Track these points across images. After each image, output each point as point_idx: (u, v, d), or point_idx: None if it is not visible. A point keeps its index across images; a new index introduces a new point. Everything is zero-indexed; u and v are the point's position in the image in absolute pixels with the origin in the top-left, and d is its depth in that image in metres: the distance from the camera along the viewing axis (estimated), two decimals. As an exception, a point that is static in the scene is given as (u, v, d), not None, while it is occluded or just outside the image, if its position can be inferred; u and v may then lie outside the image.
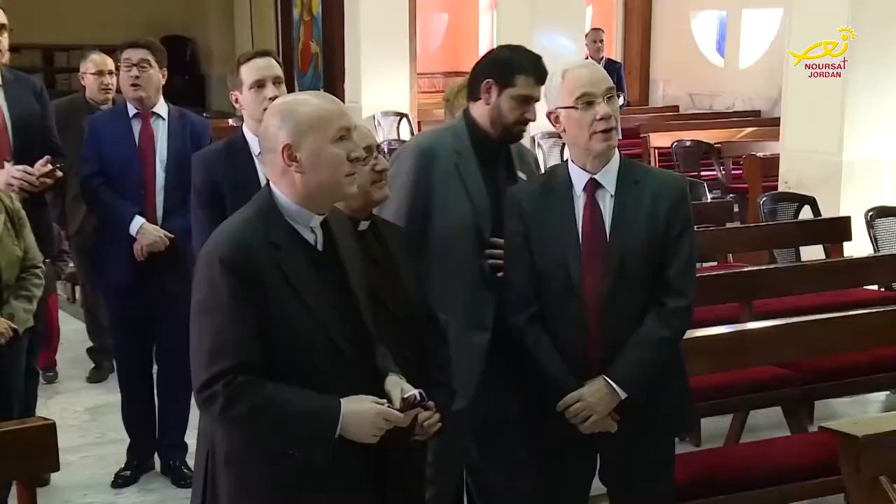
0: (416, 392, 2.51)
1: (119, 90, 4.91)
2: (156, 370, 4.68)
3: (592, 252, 2.95)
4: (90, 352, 6.12)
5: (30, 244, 4.08)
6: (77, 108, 5.50)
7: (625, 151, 3.24)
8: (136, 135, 4.45)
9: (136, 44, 4.46)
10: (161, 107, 4.50)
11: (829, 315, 4.42)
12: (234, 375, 2.35)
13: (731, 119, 11.37)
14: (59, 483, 4.49)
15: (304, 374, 2.41)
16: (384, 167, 2.91)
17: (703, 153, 9.47)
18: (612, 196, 2.98)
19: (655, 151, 9.61)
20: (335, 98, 2.57)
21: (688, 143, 9.53)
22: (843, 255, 5.93)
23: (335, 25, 13.16)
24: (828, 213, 6.36)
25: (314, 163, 2.43)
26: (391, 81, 11.84)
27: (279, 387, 2.38)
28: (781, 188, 6.94)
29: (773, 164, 7.34)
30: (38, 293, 4.09)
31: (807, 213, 6.47)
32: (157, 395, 4.67)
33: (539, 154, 8.65)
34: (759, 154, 8.40)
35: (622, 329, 2.94)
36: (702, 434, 4.75)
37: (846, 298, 5.38)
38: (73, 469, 4.62)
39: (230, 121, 9.83)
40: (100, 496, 4.54)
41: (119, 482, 4.62)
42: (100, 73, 5.65)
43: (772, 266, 5.95)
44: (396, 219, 3.23)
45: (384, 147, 8.71)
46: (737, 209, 7.42)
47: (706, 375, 3.97)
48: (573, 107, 2.92)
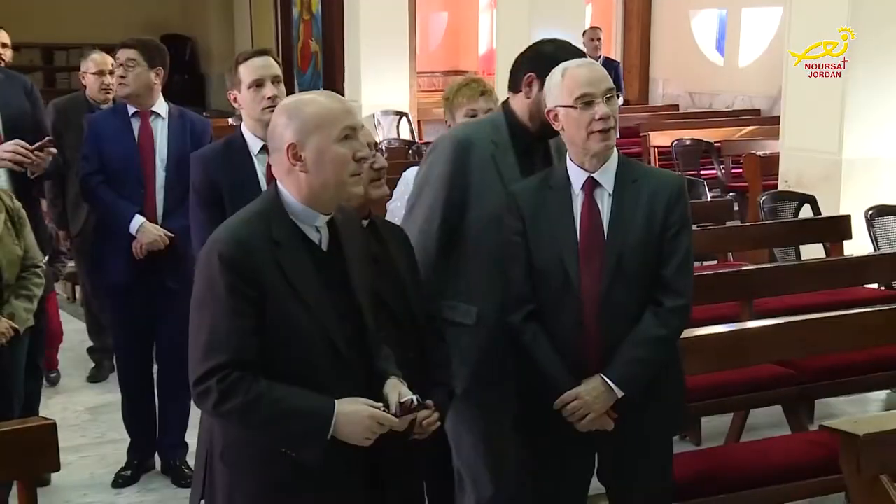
0: (414, 397, 2.49)
1: (119, 90, 4.92)
2: (156, 370, 4.68)
3: (590, 250, 2.95)
4: (90, 351, 6.12)
5: (30, 243, 4.09)
6: (78, 107, 5.50)
7: (624, 150, 3.23)
8: (136, 133, 4.45)
9: (126, 44, 4.47)
10: (160, 106, 4.50)
11: (830, 314, 4.41)
12: (229, 371, 2.35)
13: (731, 118, 11.33)
14: (60, 483, 4.49)
15: (303, 374, 2.41)
16: (382, 165, 2.90)
17: (703, 152, 9.45)
18: (611, 195, 2.97)
19: (655, 150, 9.58)
20: (343, 98, 2.56)
21: (688, 142, 9.51)
22: (843, 254, 5.91)
23: (335, 24, 13.15)
24: (828, 212, 6.35)
25: (318, 162, 2.42)
26: (391, 80, 11.84)
27: (274, 384, 2.37)
28: (781, 187, 6.93)
29: (773, 163, 7.33)
30: (39, 293, 4.09)
31: (807, 212, 6.46)
32: (158, 395, 4.66)
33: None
34: (759, 153, 8.39)
35: (619, 327, 2.93)
36: (702, 433, 4.76)
37: (846, 297, 5.36)
38: (74, 469, 4.63)
39: (230, 120, 9.80)
40: (100, 496, 4.54)
41: (119, 482, 4.61)
42: (100, 73, 5.63)
43: (772, 265, 5.94)
44: (432, 209, 3.20)
45: (383, 146, 8.72)
46: (737, 208, 7.42)
47: (706, 374, 3.97)
48: (572, 106, 2.91)
